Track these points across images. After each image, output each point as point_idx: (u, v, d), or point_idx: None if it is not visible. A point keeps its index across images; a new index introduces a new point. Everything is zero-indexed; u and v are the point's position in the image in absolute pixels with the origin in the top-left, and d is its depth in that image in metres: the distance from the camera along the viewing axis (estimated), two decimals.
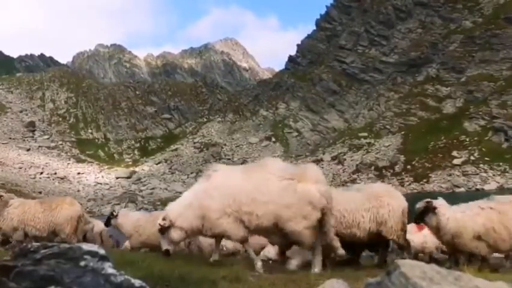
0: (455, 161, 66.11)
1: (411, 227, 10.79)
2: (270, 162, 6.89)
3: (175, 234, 6.71)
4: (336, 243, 6.78)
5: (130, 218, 11.20)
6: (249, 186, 6.32)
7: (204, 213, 6.51)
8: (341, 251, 6.83)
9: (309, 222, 6.26)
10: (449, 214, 7.72)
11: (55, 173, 75.93)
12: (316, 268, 6.56)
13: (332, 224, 6.65)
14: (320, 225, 6.46)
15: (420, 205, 8.03)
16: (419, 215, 8.00)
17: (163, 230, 6.74)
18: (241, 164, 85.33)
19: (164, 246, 6.83)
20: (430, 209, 7.83)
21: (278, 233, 6.50)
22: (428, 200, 8.04)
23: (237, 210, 6.32)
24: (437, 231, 7.86)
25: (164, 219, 6.76)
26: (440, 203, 8.02)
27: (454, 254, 8.02)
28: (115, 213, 11.48)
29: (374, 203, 7.92)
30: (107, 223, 11.56)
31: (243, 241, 6.68)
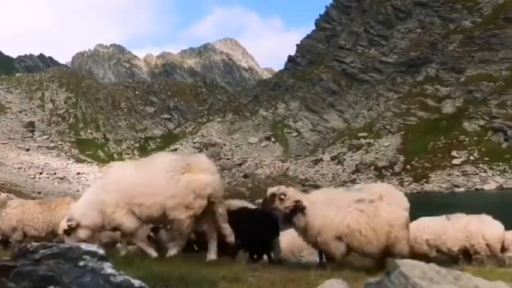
0: (455, 161, 66.18)
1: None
2: (159, 156, 7.33)
3: (81, 233, 6.88)
4: (227, 230, 6.85)
5: None
6: (139, 180, 6.67)
7: (102, 208, 6.75)
8: (231, 239, 6.85)
9: (192, 211, 6.55)
10: (317, 212, 7.29)
11: (55, 173, 75.88)
12: (212, 254, 6.81)
13: (221, 212, 6.82)
14: (211, 213, 6.76)
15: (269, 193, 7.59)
16: (287, 217, 7.49)
17: (70, 231, 6.89)
18: (241, 164, 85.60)
19: None
20: (299, 209, 7.37)
21: (167, 222, 6.88)
22: (298, 199, 7.47)
23: (128, 202, 6.64)
24: (304, 231, 7.44)
25: (70, 220, 6.92)
26: (312, 199, 7.57)
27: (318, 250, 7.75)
28: None
29: None
30: None
31: (135, 233, 6.94)
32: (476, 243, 9.47)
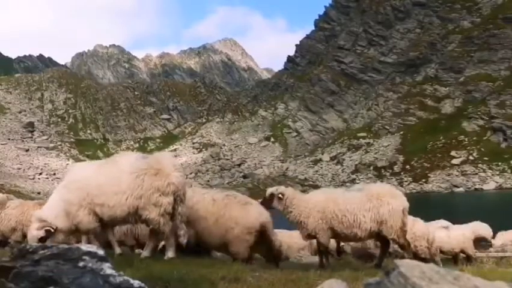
0: (454, 161, 66.24)
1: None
2: (122, 156, 7.38)
3: (59, 238, 6.75)
4: (181, 231, 6.89)
5: None
6: (102, 180, 6.64)
7: (66, 208, 6.73)
8: (183, 239, 6.88)
9: (162, 209, 6.58)
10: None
11: (54, 174, 75.89)
12: (170, 252, 6.80)
13: (181, 211, 6.85)
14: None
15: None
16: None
17: (46, 238, 6.64)
18: (240, 164, 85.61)
19: None
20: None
21: (136, 222, 6.90)
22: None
23: (90, 202, 6.63)
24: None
25: (44, 226, 6.72)
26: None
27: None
28: None
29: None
30: None
31: (94, 233, 6.91)
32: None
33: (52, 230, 6.67)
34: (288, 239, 11.54)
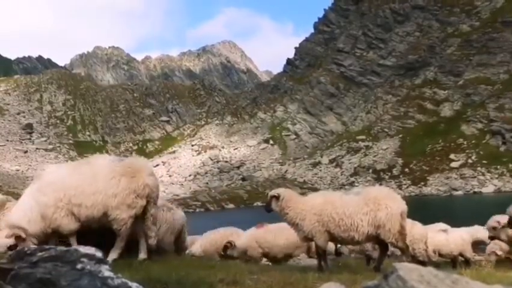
0: (453, 164, 66.28)
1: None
2: (97, 158, 7.42)
3: (30, 242, 6.58)
4: (152, 232, 6.98)
5: None
6: (78, 180, 6.69)
7: (43, 211, 6.67)
8: (153, 241, 6.98)
9: (134, 211, 6.70)
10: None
11: None
12: (142, 253, 6.91)
13: (152, 213, 7.00)
14: (142, 213, 6.89)
15: None
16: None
17: (16, 246, 6.36)
18: (239, 167, 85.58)
19: None
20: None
21: (108, 223, 6.87)
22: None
23: (67, 203, 6.63)
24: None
25: (15, 233, 6.52)
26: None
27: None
28: None
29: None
30: None
31: (72, 234, 6.86)
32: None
33: (23, 236, 6.47)
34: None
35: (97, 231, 6.94)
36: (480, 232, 13.75)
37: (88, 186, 6.60)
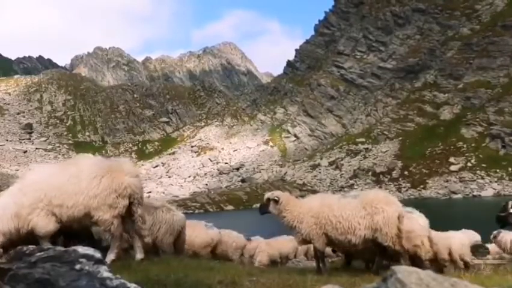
0: (452, 167, 66.28)
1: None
2: (81, 158, 7.38)
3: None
4: (144, 232, 7.11)
5: None
6: (59, 181, 6.65)
7: (17, 211, 6.62)
8: (148, 239, 7.14)
9: (117, 211, 6.66)
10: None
11: None
12: (138, 254, 6.90)
13: (140, 213, 6.96)
14: (130, 214, 6.87)
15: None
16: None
17: None
18: (239, 168, 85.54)
19: None
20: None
21: (91, 224, 6.89)
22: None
23: (47, 203, 6.58)
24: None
25: None
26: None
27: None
28: None
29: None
30: None
31: (51, 235, 6.80)
32: None
33: None
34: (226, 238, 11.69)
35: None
36: (476, 236, 13.78)
37: (71, 186, 6.56)
